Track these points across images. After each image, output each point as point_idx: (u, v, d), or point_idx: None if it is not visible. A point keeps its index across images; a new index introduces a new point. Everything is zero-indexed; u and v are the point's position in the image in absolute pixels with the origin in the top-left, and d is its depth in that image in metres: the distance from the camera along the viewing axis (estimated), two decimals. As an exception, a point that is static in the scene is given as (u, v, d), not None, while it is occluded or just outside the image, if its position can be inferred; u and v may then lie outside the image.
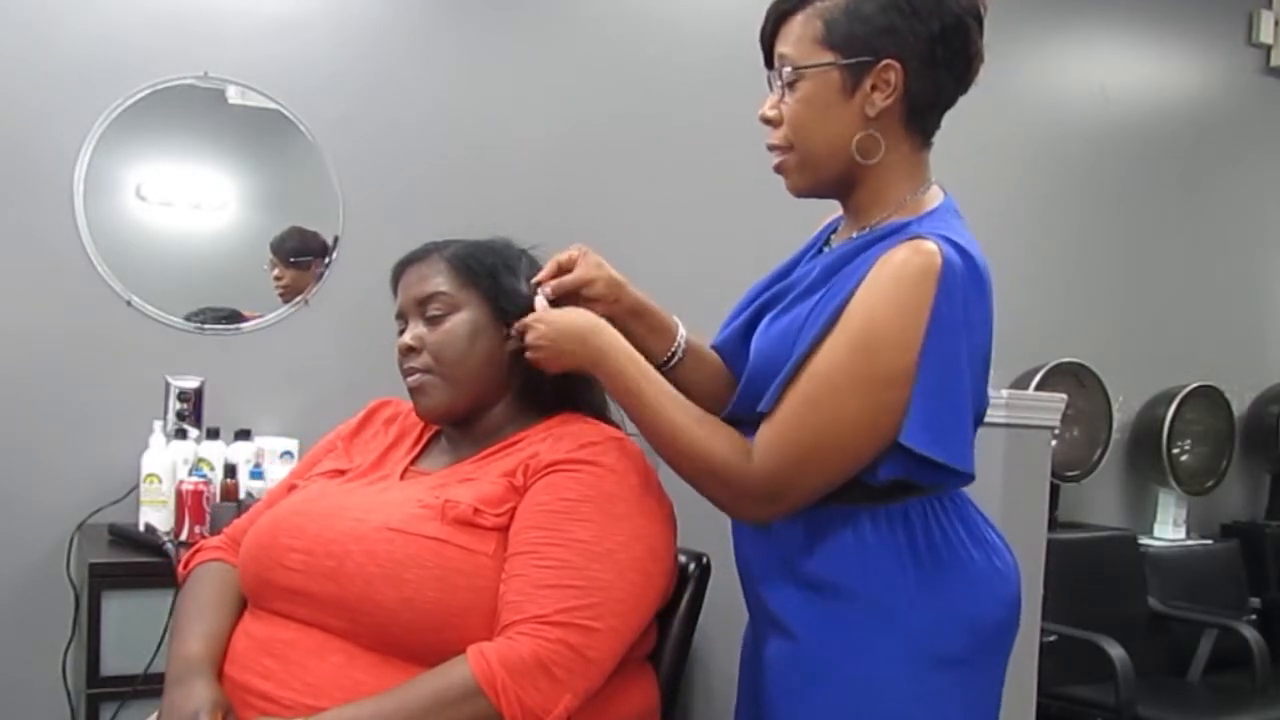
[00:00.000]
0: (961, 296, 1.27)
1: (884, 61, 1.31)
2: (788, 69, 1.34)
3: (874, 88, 1.32)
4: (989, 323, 1.34)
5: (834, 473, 1.30)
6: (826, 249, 1.46)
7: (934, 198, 1.38)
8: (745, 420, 1.36)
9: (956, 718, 1.36)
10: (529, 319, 1.43)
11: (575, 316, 1.41)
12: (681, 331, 1.50)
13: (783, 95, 1.36)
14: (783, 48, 1.36)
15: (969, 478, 1.33)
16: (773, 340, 1.37)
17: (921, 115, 1.36)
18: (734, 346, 1.46)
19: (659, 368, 1.44)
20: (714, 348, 1.50)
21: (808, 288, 1.37)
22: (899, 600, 1.33)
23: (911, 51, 1.31)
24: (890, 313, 1.25)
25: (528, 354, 1.43)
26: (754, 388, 1.37)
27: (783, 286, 1.42)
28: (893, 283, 1.26)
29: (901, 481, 1.30)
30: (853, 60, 1.31)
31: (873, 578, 1.33)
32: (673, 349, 1.48)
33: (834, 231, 1.48)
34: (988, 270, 1.32)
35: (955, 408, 1.29)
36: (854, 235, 1.39)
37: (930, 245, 1.26)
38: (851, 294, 1.28)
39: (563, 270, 1.46)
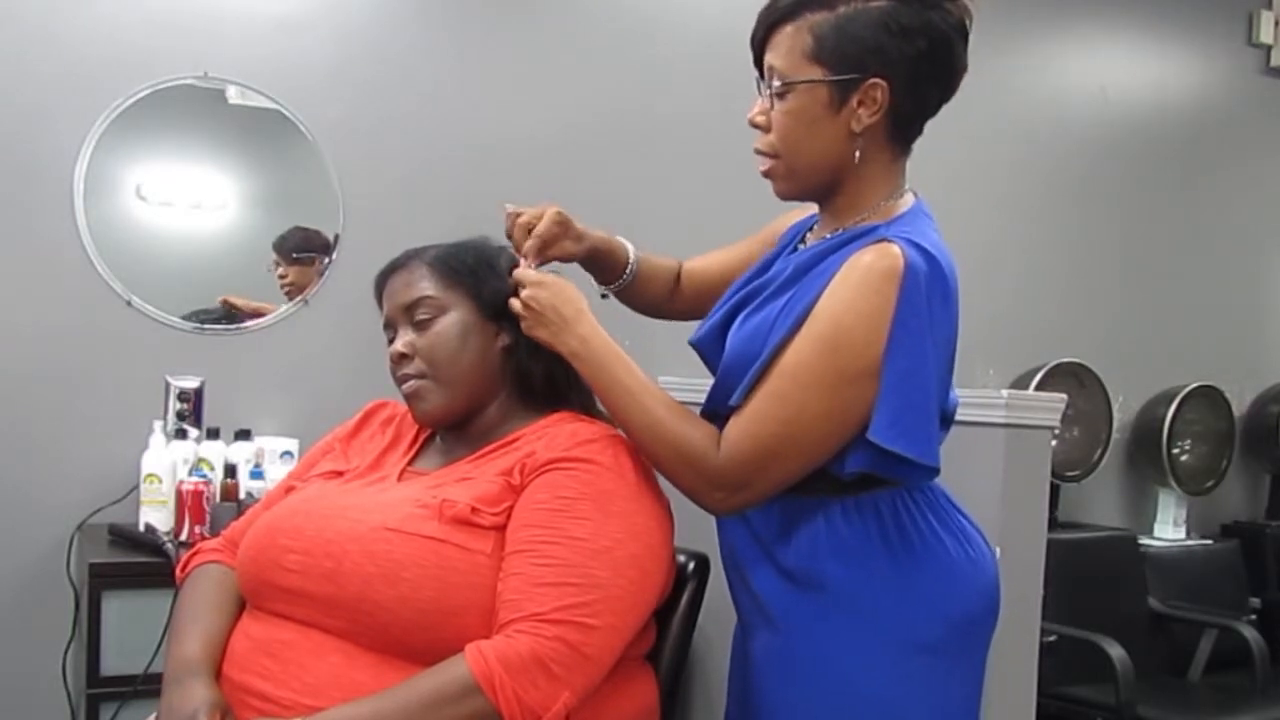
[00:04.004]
0: (925, 297, 1.30)
1: (871, 80, 1.34)
2: (777, 81, 1.37)
3: (860, 104, 1.35)
4: (953, 322, 1.37)
5: (798, 465, 1.35)
6: (801, 246, 1.49)
7: (905, 202, 1.42)
8: (719, 414, 1.41)
9: (936, 703, 1.39)
10: (530, 276, 1.47)
11: (569, 297, 1.46)
12: (632, 256, 1.65)
13: (771, 103, 1.39)
14: (772, 57, 1.38)
15: (934, 471, 1.37)
16: (745, 338, 1.41)
17: (904, 128, 1.40)
18: (712, 342, 1.50)
19: (616, 287, 1.64)
20: (692, 344, 1.54)
21: (780, 286, 1.41)
22: (873, 589, 1.37)
23: (898, 69, 1.34)
24: (855, 313, 1.30)
25: (513, 307, 1.47)
26: (727, 382, 1.41)
27: (758, 284, 1.46)
28: (858, 284, 1.30)
29: (868, 475, 1.35)
30: (841, 77, 1.34)
31: (846, 567, 1.37)
32: (626, 272, 1.65)
33: (809, 229, 1.51)
34: (953, 272, 1.36)
35: (920, 404, 1.33)
36: (827, 236, 1.44)
37: (895, 249, 1.30)
38: (819, 294, 1.33)
39: (527, 231, 1.53)
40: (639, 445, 1.42)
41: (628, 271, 1.65)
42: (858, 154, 1.37)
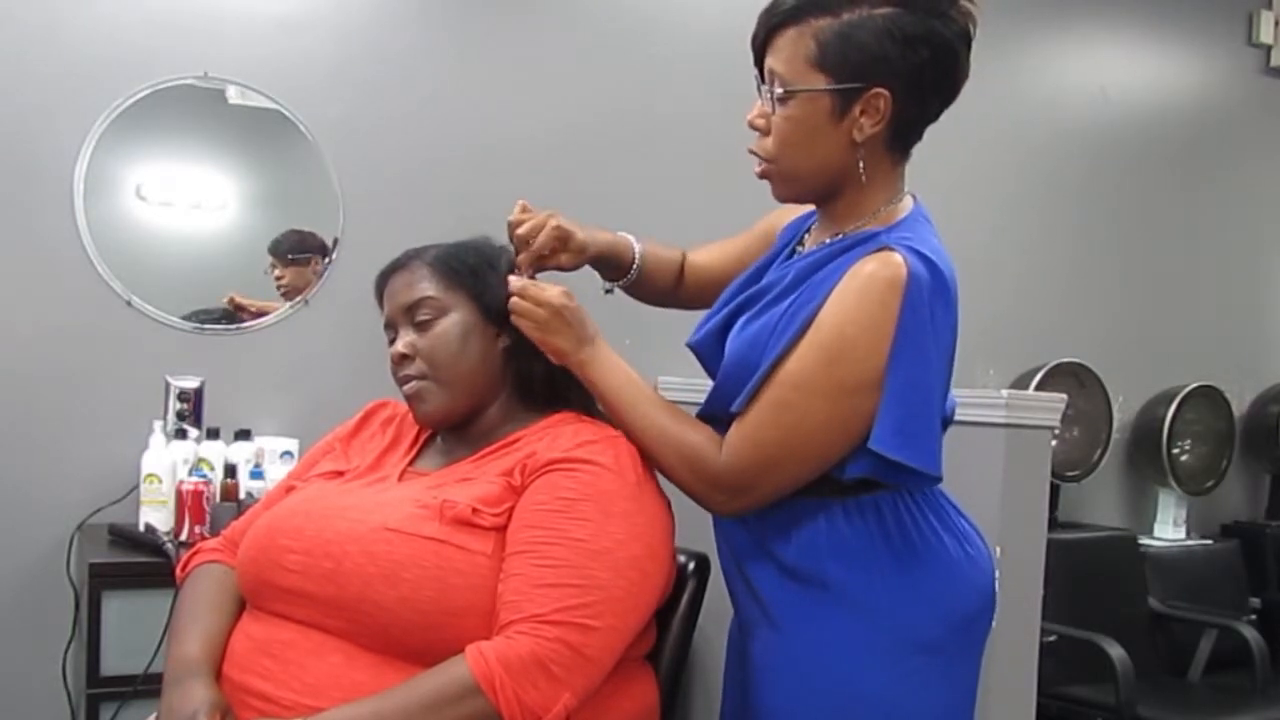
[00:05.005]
0: (928, 305, 1.30)
1: (874, 90, 1.33)
2: (779, 88, 1.36)
3: (863, 113, 1.34)
4: (954, 329, 1.37)
5: (800, 471, 1.35)
6: (800, 249, 1.49)
7: (905, 207, 1.42)
8: (718, 419, 1.42)
9: (934, 702, 1.39)
10: (530, 285, 1.47)
11: (584, 316, 1.47)
12: (637, 256, 1.63)
13: (773, 107, 1.37)
14: (774, 62, 1.37)
15: (936, 479, 1.38)
16: (746, 343, 1.41)
17: (905, 136, 1.39)
18: (710, 347, 1.50)
19: (621, 284, 1.64)
20: (690, 347, 1.54)
21: (780, 292, 1.41)
22: (875, 588, 1.37)
23: (901, 79, 1.33)
24: (858, 323, 1.30)
25: (513, 315, 1.46)
26: (727, 388, 1.41)
27: (757, 290, 1.46)
28: (861, 294, 1.30)
29: (867, 479, 1.35)
30: (844, 86, 1.33)
31: (849, 568, 1.38)
32: (631, 271, 1.63)
33: (806, 231, 1.51)
34: (954, 277, 1.36)
35: (924, 412, 1.33)
36: (826, 241, 1.43)
37: (897, 258, 1.30)
38: (822, 302, 1.33)
39: (526, 242, 1.52)
40: (643, 449, 1.42)
41: (632, 270, 1.65)
42: (861, 163, 1.36)
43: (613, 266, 1.64)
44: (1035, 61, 3.79)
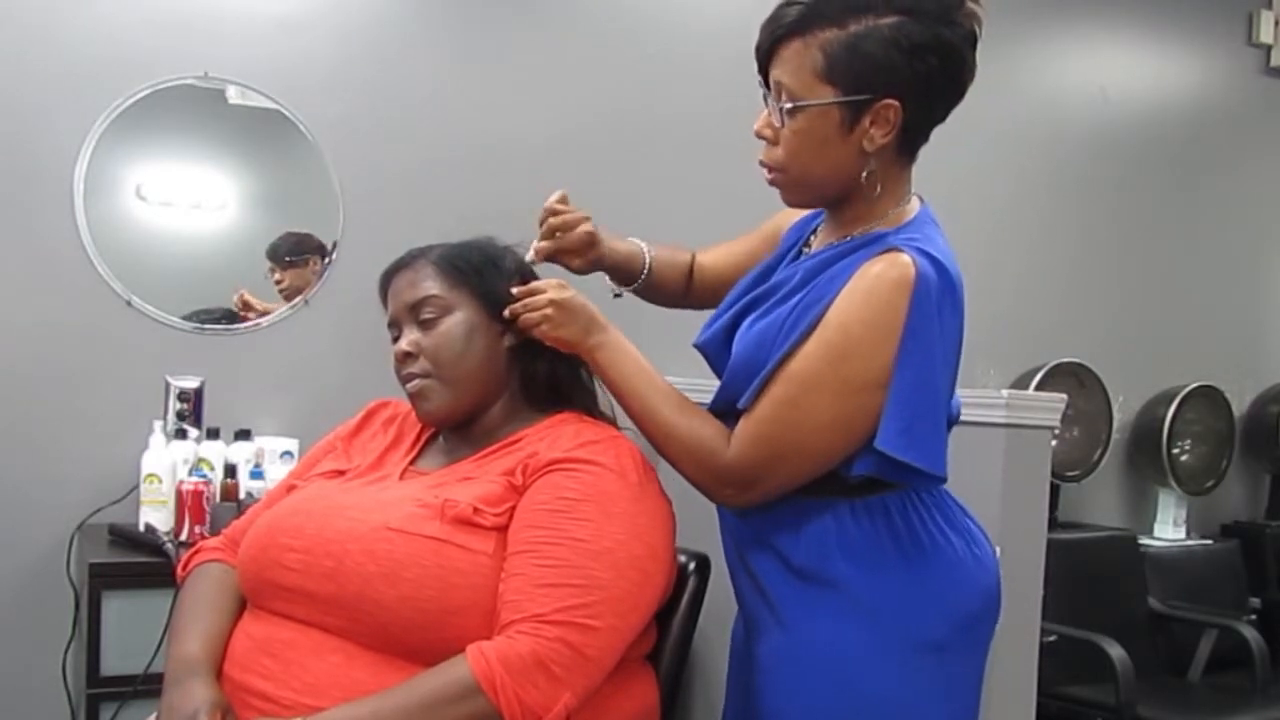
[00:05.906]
0: (935, 306, 1.31)
1: (884, 100, 1.32)
2: (787, 101, 1.34)
3: (873, 123, 1.34)
4: (960, 330, 1.38)
5: (806, 467, 1.36)
6: (806, 250, 1.49)
7: (912, 209, 1.42)
8: (725, 416, 1.43)
9: (938, 702, 1.39)
10: (542, 284, 1.48)
11: (584, 300, 1.48)
12: (647, 261, 1.66)
13: (781, 119, 1.36)
14: (780, 74, 1.35)
15: (941, 480, 1.38)
16: (753, 341, 1.41)
17: (913, 140, 1.39)
18: (717, 347, 1.50)
19: (630, 289, 1.66)
20: (697, 347, 1.55)
21: (788, 292, 1.41)
22: (882, 588, 1.37)
23: (910, 88, 1.32)
24: (865, 322, 1.30)
25: (525, 318, 1.47)
26: (734, 386, 1.42)
27: (764, 290, 1.46)
28: (868, 294, 1.31)
29: (873, 478, 1.35)
30: (853, 98, 1.32)
31: (858, 567, 1.38)
32: (640, 278, 1.66)
33: (812, 232, 1.51)
34: (960, 279, 1.36)
35: (929, 413, 1.33)
36: (834, 242, 1.43)
37: (905, 258, 1.30)
38: (830, 302, 1.33)
39: (553, 232, 1.56)
40: (651, 441, 1.43)
41: (642, 278, 1.66)
42: (872, 172, 1.36)
43: (623, 272, 1.65)
44: (1035, 61, 3.79)
